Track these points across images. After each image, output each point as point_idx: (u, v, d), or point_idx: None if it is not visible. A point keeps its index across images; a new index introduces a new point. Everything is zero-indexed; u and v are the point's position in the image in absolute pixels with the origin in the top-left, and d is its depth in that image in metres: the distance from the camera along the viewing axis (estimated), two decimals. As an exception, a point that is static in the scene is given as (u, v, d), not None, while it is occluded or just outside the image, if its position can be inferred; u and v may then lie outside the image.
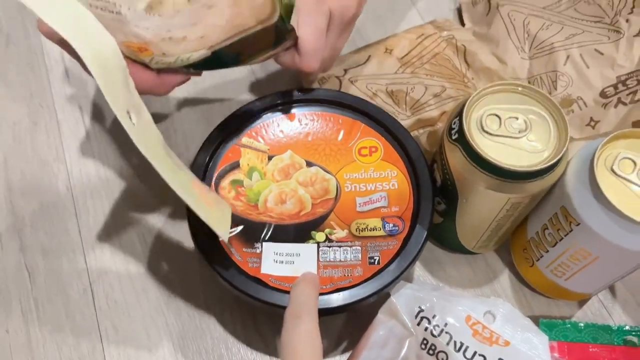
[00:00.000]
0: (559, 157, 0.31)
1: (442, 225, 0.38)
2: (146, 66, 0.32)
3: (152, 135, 0.31)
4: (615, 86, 0.43)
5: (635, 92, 0.42)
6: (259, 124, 0.39)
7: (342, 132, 0.39)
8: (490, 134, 0.32)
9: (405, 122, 0.43)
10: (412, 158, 0.38)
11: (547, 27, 0.47)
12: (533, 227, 0.37)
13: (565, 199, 0.32)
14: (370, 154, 0.38)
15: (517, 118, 0.32)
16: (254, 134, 0.39)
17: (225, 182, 0.37)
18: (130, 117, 0.28)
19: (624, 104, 0.42)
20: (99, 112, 0.47)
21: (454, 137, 0.33)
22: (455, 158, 0.33)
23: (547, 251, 0.36)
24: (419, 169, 0.37)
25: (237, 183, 0.37)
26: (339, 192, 0.37)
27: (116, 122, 0.46)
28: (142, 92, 0.32)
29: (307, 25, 0.34)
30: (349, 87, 0.46)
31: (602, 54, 0.44)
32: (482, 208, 0.34)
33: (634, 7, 0.46)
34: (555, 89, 0.44)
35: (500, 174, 0.31)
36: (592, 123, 0.43)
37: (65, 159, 0.45)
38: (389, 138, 0.39)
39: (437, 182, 0.36)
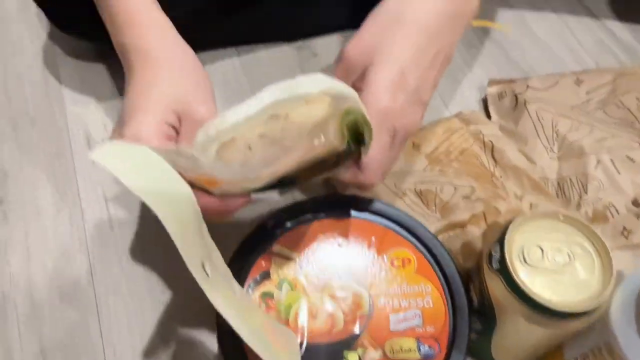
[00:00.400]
0: (604, 297, 0.30)
1: (477, 342, 0.37)
2: (207, 191, 0.32)
3: (226, 282, 0.30)
4: (647, 195, 0.43)
5: (669, 205, 0.41)
6: (290, 231, 0.39)
7: (373, 241, 0.39)
8: (533, 267, 0.31)
9: (436, 225, 0.43)
10: (447, 275, 0.37)
11: (576, 129, 0.47)
12: (572, 352, 0.36)
13: (610, 336, 0.31)
14: (403, 265, 0.38)
15: (560, 250, 0.32)
16: (286, 242, 0.38)
17: (256, 295, 0.36)
18: (205, 269, 0.27)
19: (658, 215, 0.41)
20: (124, 200, 0.47)
21: (495, 267, 0.32)
22: (496, 287, 0.32)
23: (586, 377, 0.35)
24: (454, 288, 0.36)
25: (267, 296, 0.36)
26: (371, 307, 0.36)
27: (141, 212, 0.46)
28: (206, 220, 0.32)
29: (373, 143, 0.34)
30: (378, 185, 0.45)
31: (633, 161, 0.44)
32: (520, 336, 0.33)
33: (664, 113, 0.46)
34: (586, 192, 0.44)
35: (543, 310, 0.30)
36: (625, 233, 0.42)
37: (87, 250, 0.44)
38: (422, 249, 0.38)
39: (474, 303, 0.36)
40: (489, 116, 0.52)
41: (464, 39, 0.58)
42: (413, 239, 0.39)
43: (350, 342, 0.35)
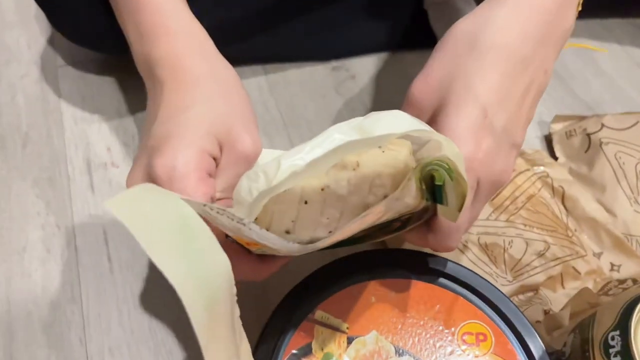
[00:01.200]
0: None
1: None
2: (244, 248, 0.25)
3: None
4: None
5: None
6: (336, 293, 0.31)
7: (438, 310, 0.31)
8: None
9: (507, 288, 0.36)
10: (534, 357, 0.29)
11: (666, 177, 0.40)
12: None
13: None
14: (477, 343, 0.30)
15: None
16: (330, 306, 0.31)
17: (297, 377, 0.29)
18: None
19: None
20: (126, 239, 0.39)
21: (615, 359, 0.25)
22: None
23: None
24: (546, 377, 0.29)
25: (309, 377, 0.29)
26: (439, 396, 0.29)
27: (145, 255, 0.38)
28: (239, 280, 0.25)
29: None
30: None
31: None
32: None
33: None
34: (682, 255, 0.37)
35: None
36: None
37: (81, 300, 0.36)
38: (501, 323, 0.31)
39: (571, 397, 0.28)
40: (554, 156, 0.45)
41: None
42: (489, 310, 0.31)
43: None
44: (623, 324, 0.25)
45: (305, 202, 0.23)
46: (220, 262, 0.20)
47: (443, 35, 0.31)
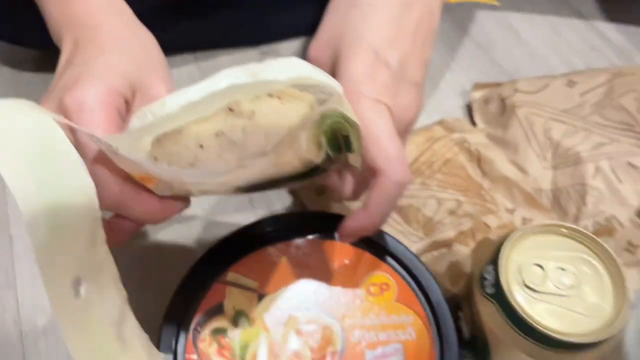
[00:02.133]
0: (619, 323, 0.25)
1: (469, 380, 0.32)
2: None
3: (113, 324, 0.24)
4: (654, 205, 0.38)
5: (680, 215, 0.37)
6: (248, 256, 0.33)
7: (346, 265, 0.33)
8: (534, 290, 0.26)
9: (419, 245, 0.38)
10: (432, 302, 0.31)
11: (571, 134, 0.42)
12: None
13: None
14: (381, 292, 0.32)
15: (564, 269, 0.26)
16: (242, 268, 0.33)
17: (206, 332, 0.30)
18: (77, 288, 0.21)
19: (668, 228, 0.37)
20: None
21: (488, 292, 0.27)
22: (490, 316, 0.27)
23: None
24: (441, 317, 0.31)
25: (219, 333, 0.30)
26: (344, 342, 0.31)
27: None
28: (139, 220, 0.26)
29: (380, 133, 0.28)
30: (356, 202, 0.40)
31: (635, 167, 0.39)
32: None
33: (666, 114, 0.41)
34: (585, 204, 0.39)
35: (547, 342, 0.25)
36: (631, 248, 0.37)
37: (16, 285, 0.38)
38: (403, 273, 0.33)
39: (464, 334, 0.30)
40: (474, 123, 0.47)
41: (444, 41, 0.54)
42: (392, 262, 0.33)
43: (319, 386, 0.29)
44: (495, 257, 0.27)
45: (201, 146, 0.24)
46: (81, 186, 0.21)
47: None
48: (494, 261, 0.27)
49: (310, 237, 0.34)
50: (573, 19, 0.56)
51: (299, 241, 0.34)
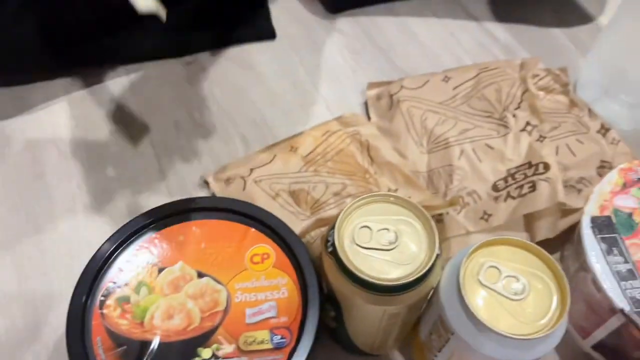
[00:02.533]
0: (426, 269, 0.31)
1: (337, 330, 0.38)
2: None
3: None
4: (505, 179, 0.44)
5: (522, 186, 0.43)
6: (150, 235, 0.39)
7: (234, 240, 0.39)
8: (362, 247, 0.32)
9: (305, 222, 0.44)
10: (301, 265, 0.38)
11: (442, 122, 0.49)
12: (423, 330, 0.37)
13: (440, 308, 0.32)
14: (262, 261, 0.39)
15: (388, 230, 0.33)
16: (145, 245, 0.39)
17: (111, 300, 0.37)
18: None
19: (513, 197, 0.43)
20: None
21: (329, 250, 0.33)
22: (331, 271, 0.33)
23: (436, 355, 0.36)
24: (307, 277, 0.37)
25: (123, 300, 0.37)
26: (229, 303, 0.37)
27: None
28: None
29: None
30: (253, 187, 0.46)
31: (492, 148, 0.46)
32: (363, 318, 0.34)
33: (521, 101, 0.48)
34: (452, 182, 0.46)
35: (370, 287, 0.31)
36: (486, 216, 0.44)
37: None
38: (281, 244, 0.39)
39: (324, 290, 0.37)
40: (369, 117, 0.54)
41: (349, 47, 0.60)
42: (273, 235, 0.40)
43: (205, 338, 0.36)
44: (334, 222, 0.33)
45: None
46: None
47: None
48: (334, 225, 0.33)
49: (206, 218, 0.40)
50: (466, 21, 0.63)
51: (195, 220, 0.40)
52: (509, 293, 0.31)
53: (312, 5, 0.64)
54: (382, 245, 0.32)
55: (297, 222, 0.43)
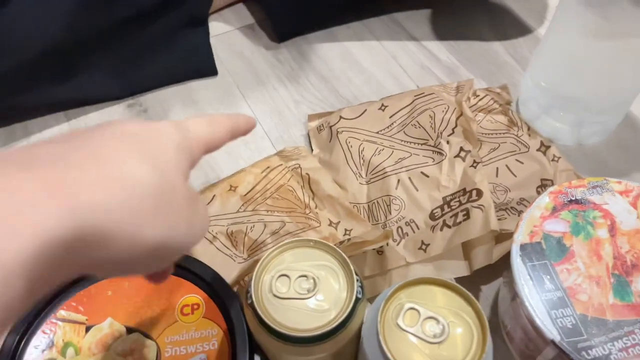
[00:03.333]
0: (343, 317, 0.31)
1: (271, 378, 0.38)
2: None
3: None
4: (441, 207, 0.44)
5: (456, 215, 0.43)
6: (79, 291, 0.39)
7: (164, 291, 0.39)
8: (280, 297, 0.32)
9: (242, 265, 0.43)
10: (231, 315, 0.37)
11: (379, 152, 0.48)
12: (356, 373, 0.36)
13: (363, 353, 0.32)
14: (192, 312, 0.38)
15: (306, 277, 0.32)
16: (73, 304, 0.38)
17: (37, 364, 0.36)
18: None
19: (448, 226, 0.43)
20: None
21: (249, 301, 0.32)
22: (252, 323, 0.33)
23: (371, 399, 0.35)
24: (237, 327, 0.37)
25: (49, 363, 0.36)
26: (158, 358, 0.36)
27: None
28: None
29: None
30: (191, 231, 0.46)
31: (428, 176, 0.46)
32: (289, 367, 0.34)
33: (455, 126, 0.48)
34: (390, 212, 0.45)
35: (288, 339, 0.31)
36: (424, 246, 0.43)
37: None
38: (211, 293, 0.39)
39: (255, 339, 0.36)
40: (312, 150, 0.53)
41: (289, 76, 0.60)
42: (203, 284, 0.39)
43: (133, 397, 0.35)
44: (252, 273, 0.32)
45: None
46: None
47: None
48: (252, 276, 0.32)
49: (135, 271, 0.39)
50: (408, 43, 0.63)
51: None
52: (427, 336, 0.30)
53: (254, 38, 0.64)
54: (300, 294, 0.32)
55: (234, 266, 0.43)
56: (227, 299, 0.38)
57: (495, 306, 0.44)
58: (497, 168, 0.48)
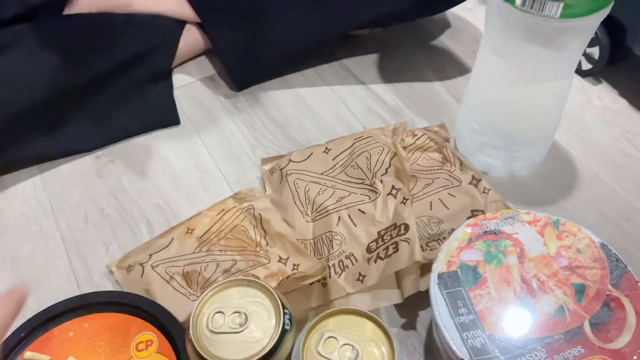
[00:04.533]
0: (270, 347, 0.35)
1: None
2: None
3: None
4: (376, 241, 0.48)
5: (387, 247, 0.47)
6: (43, 334, 0.42)
7: (120, 331, 0.43)
8: (215, 332, 0.36)
9: (195, 303, 0.47)
10: (179, 349, 0.41)
11: (322, 192, 0.53)
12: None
13: (291, 379, 0.36)
14: (146, 347, 0.42)
15: (239, 313, 0.36)
16: (38, 345, 0.42)
17: (3, 403, 0.40)
18: None
19: (381, 258, 0.47)
20: None
21: (189, 337, 0.36)
22: (192, 355, 0.36)
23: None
24: (184, 360, 0.41)
25: (14, 403, 0.40)
26: (115, 392, 0.40)
27: None
28: None
29: None
30: (150, 273, 0.50)
31: (364, 212, 0.50)
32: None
33: (389, 166, 0.53)
34: (332, 247, 0.50)
35: (222, 370, 0.35)
36: (361, 277, 0.47)
37: None
38: (163, 330, 0.42)
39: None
40: (266, 191, 0.58)
41: (246, 122, 0.65)
42: (156, 322, 0.43)
43: None
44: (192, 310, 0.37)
45: None
46: None
47: None
48: (190, 314, 0.37)
49: (95, 312, 0.43)
50: (356, 87, 0.68)
51: (84, 317, 0.43)
52: (344, 361, 0.34)
53: (214, 88, 0.69)
54: (233, 329, 0.36)
55: (188, 303, 0.47)
56: (177, 335, 0.42)
57: (431, 330, 0.48)
58: (431, 202, 0.52)
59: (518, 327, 0.39)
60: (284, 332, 0.36)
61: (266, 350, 0.34)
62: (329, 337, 0.35)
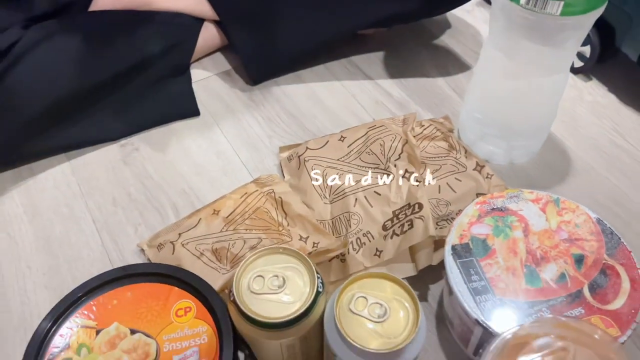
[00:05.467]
0: (306, 306, 0.39)
1: (254, 365, 0.45)
2: None
3: None
4: (392, 220, 0.53)
5: (403, 225, 0.51)
6: (88, 303, 0.46)
7: (161, 299, 0.46)
8: (256, 293, 0.40)
9: (226, 276, 0.51)
10: (217, 314, 0.45)
11: (339, 177, 0.57)
12: (325, 356, 0.44)
13: (325, 335, 0.40)
14: (185, 314, 0.46)
15: (277, 276, 0.40)
16: (85, 312, 0.45)
17: (56, 362, 0.43)
18: None
19: (397, 234, 0.51)
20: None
21: (231, 298, 0.40)
22: (235, 315, 0.40)
23: (337, 377, 0.43)
24: (223, 324, 0.44)
25: (67, 361, 0.43)
26: (158, 353, 0.44)
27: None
28: None
29: None
30: (181, 250, 0.53)
31: (379, 194, 0.54)
32: (267, 352, 0.41)
33: (401, 152, 0.57)
34: (350, 226, 0.54)
35: (263, 325, 0.38)
36: (378, 253, 0.52)
37: None
38: (201, 298, 0.46)
39: (239, 334, 0.44)
40: (284, 177, 0.62)
41: (263, 115, 0.69)
42: (193, 291, 0.47)
43: (138, 386, 0.42)
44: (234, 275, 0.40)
45: None
46: None
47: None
48: (233, 278, 0.40)
49: (136, 282, 0.47)
50: (364, 82, 0.73)
51: (129, 285, 0.47)
52: (373, 317, 0.38)
53: (230, 82, 0.73)
54: (272, 290, 0.40)
55: (219, 276, 0.50)
56: (214, 302, 0.45)
57: (441, 301, 0.53)
58: (440, 186, 0.57)
59: (525, 291, 0.43)
60: (317, 294, 0.39)
61: (302, 310, 0.38)
62: (359, 297, 0.39)
